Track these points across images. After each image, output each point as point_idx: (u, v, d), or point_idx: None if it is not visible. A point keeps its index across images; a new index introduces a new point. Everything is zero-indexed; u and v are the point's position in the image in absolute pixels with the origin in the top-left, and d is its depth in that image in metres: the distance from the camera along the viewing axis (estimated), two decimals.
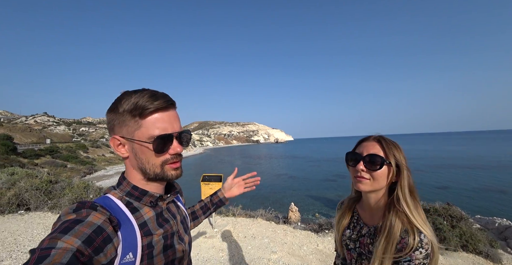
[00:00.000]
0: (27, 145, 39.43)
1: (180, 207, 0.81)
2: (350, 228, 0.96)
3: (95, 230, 0.49)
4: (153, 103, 0.59)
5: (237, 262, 3.12)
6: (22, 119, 79.07)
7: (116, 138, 0.62)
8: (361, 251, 0.88)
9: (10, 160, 25.23)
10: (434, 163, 41.13)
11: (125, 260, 0.55)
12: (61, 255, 0.42)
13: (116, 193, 0.65)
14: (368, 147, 0.86)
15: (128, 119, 0.61)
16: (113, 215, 0.56)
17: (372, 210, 0.90)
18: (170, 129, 0.63)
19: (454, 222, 5.11)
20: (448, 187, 23.06)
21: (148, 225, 0.63)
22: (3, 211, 4.95)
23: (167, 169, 0.65)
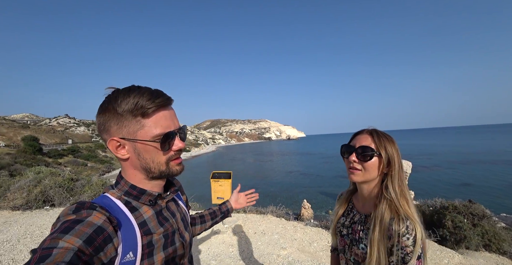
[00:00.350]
0: (51, 145, 41.91)
1: (180, 204, 0.80)
2: (344, 216, 1.02)
3: (95, 230, 0.49)
4: (154, 101, 0.58)
5: (247, 257, 3.16)
6: (46, 122, 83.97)
7: (115, 139, 0.60)
8: (353, 237, 0.92)
9: (36, 159, 26.97)
10: (454, 158, 39.15)
11: (125, 259, 0.55)
12: (62, 254, 0.43)
13: (114, 193, 0.64)
14: (361, 139, 0.90)
15: (129, 120, 0.59)
16: (112, 215, 0.57)
17: (365, 199, 0.95)
18: (172, 126, 0.63)
19: (476, 220, 4.87)
20: (470, 184, 21.89)
21: (148, 224, 0.63)
22: (31, 207, 5.32)
23: (172, 165, 0.66)
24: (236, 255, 3.24)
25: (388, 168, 0.87)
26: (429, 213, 5.56)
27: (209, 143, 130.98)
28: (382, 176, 0.89)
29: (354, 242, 0.91)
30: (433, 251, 4.16)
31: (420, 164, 32.39)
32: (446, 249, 4.30)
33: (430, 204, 6.05)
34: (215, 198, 3.63)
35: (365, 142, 0.88)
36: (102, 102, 0.61)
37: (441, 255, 4.07)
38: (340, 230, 1.00)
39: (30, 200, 5.38)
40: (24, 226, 4.33)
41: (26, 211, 5.19)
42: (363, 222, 0.91)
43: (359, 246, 0.88)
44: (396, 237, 0.77)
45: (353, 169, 0.89)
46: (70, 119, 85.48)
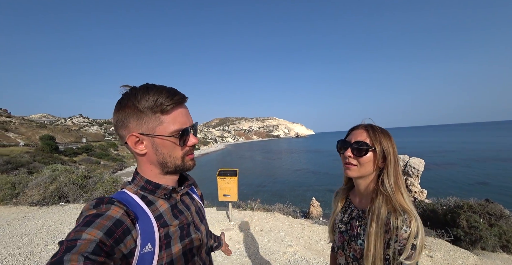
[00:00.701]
0: (67, 144, 43.53)
1: (195, 198, 0.84)
2: (342, 212, 1.02)
3: (114, 222, 0.53)
4: (173, 99, 0.62)
5: (253, 254, 3.17)
6: (61, 121, 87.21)
7: (134, 135, 0.63)
8: (352, 233, 0.92)
9: (53, 157, 28.10)
10: (469, 155, 37.63)
11: (144, 250, 0.58)
12: (86, 245, 0.46)
13: (131, 188, 0.68)
14: (356, 134, 0.90)
15: (149, 116, 0.62)
16: (130, 208, 0.60)
17: (361, 195, 0.95)
18: (187, 123, 0.67)
19: (493, 220, 4.66)
20: (487, 183, 21.01)
21: (164, 217, 0.65)
22: (47, 202, 5.56)
23: (187, 160, 0.69)
24: (243, 252, 3.26)
25: (384, 163, 0.87)
26: (442, 212, 5.38)
27: (217, 141, 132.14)
28: (378, 171, 0.90)
29: (353, 238, 0.91)
30: (446, 251, 4.03)
31: (433, 161, 31.35)
32: (460, 249, 4.15)
33: (443, 203, 5.85)
34: (221, 195, 3.65)
35: (360, 137, 0.89)
36: (120, 99, 0.64)
37: (454, 255, 3.93)
38: (338, 227, 1.00)
39: (46, 196, 5.62)
40: (41, 221, 4.53)
41: (43, 206, 5.43)
42: (361, 217, 0.92)
43: (357, 242, 0.88)
44: (394, 231, 0.78)
45: (349, 164, 0.90)
46: (84, 119, 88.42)
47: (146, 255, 0.58)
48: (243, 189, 20.24)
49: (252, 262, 3.01)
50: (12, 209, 5.32)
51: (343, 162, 0.94)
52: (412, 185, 12.44)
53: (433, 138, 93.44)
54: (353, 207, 0.98)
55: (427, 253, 3.91)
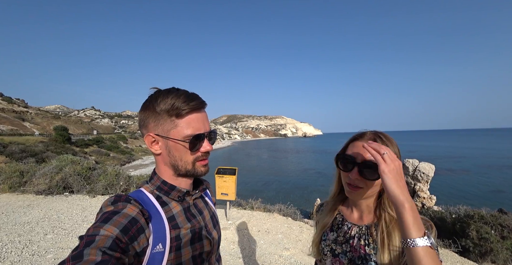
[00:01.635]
0: (79, 135, 44.93)
1: (209, 203, 0.84)
2: (334, 231, 0.85)
3: (130, 220, 0.55)
4: (189, 104, 0.64)
5: (247, 256, 3.09)
6: (75, 113, 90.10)
7: (151, 135, 0.67)
8: (356, 255, 0.77)
9: (65, 148, 29.03)
10: (484, 162, 36.12)
11: (155, 250, 0.60)
12: (104, 240, 0.49)
13: (148, 187, 0.70)
14: (363, 149, 0.71)
15: (165, 119, 0.65)
16: (144, 208, 0.61)
17: (362, 210, 0.81)
18: (202, 129, 0.67)
19: (506, 233, 4.40)
20: (502, 191, 20.09)
21: (176, 219, 0.67)
22: (52, 192, 5.69)
23: (198, 166, 0.69)
24: (237, 252, 3.19)
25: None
26: (450, 220, 5.13)
27: (225, 138, 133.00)
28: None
29: (358, 260, 0.75)
30: (453, 263, 3.83)
31: (444, 167, 30.31)
32: (468, 262, 3.93)
33: (452, 211, 5.59)
34: (219, 194, 3.59)
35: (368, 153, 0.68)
36: (145, 101, 0.68)
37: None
38: (331, 248, 0.83)
39: (52, 186, 5.74)
40: (44, 209, 4.62)
41: (48, 196, 5.56)
42: (366, 234, 0.77)
43: (367, 263, 0.73)
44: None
45: (354, 186, 0.73)
46: (95, 112, 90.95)
47: (156, 255, 0.60)
48: (247, 187, 20.26)
49: (246, 264, 2.93)
50: (19, 197, 5.47)
51: (344, 180, 0.77)
52: (421, 191, 12.04)
53: (447, 143, 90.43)
54: (350, 223, 0.82)
55: None
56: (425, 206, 11.23)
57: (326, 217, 0.89)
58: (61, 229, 3.81)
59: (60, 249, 3.15)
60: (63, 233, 3.66)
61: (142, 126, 0.69)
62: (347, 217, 0.85)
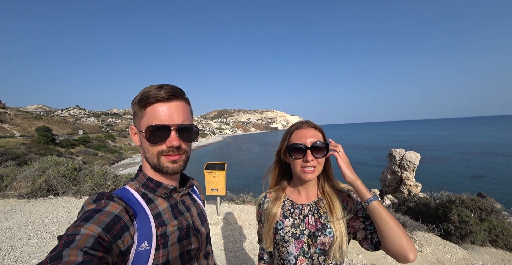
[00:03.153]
0: (63, 135, 43.25)
1: (197, 200, 0.83)
2: (287, 217, 0.93)
3: (113, 218, 0.53)
4: (156, 94, 0.62)
5: (238, 250, 3.12)
6: (58, 112, 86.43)
7: (132, 127, 0.70)
8: (311, 230, 0.88)
9: (50, 149, 27.92)
10: (466, 149, 37.92)
11: (141, 248, 0.58)
12: (85, 240, 0.47)
13: (133, 185, 0.69)
14: (308, 135, 0.86)
15: (137, 110, 0.65)
16: (129, 205, 0.60)
17: (308, 190, 0.94)
18: (167, 121, 0.64)
19: (484, 215, 4.66)
20: (481, 177, 21.23)
21: (162, 216, 0.65)
22: (35, 195, 5.47)
23: (163, 160, 0.66)
24: (228, 246, 3.21)
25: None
26: (434, 206, 5.37)
27: (216, 133, 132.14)
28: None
29: (318, 232, 0.86)
30: (436, 246, 4.02)
31: (429, 155, 31.59)
32: (449, 244, 4.15)
33: (436, 197, 5.85)
34: (209, 189, 3.57)
35: (315, 137, 0.86)
36: None
37: (444, 249, 3.93)
38: (292, 233, 0.89)
39: (35, 189, 5.51)
40: (27, 214, 4.45)
41: (31, 199, 5.34)
42: (316, 208, 0.91)
43: (326, 231, 0.86)
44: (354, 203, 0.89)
45: (309, 167, 0.84)
46: (80, 110, 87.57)
47: (142, 253, 0.58)
48: (239, 181, 20.34)
49: (237, 257, 2.96)
50: (0, 202, 5.23)
51: (298, 168, 0.87)
52: (407, 178, 12.52)
53: (433, 132, 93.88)
54: (300, 205, 0.93)
55: (416, 248, 3.90)
56: (411, 193, 11.71)
57: (274, 208, 0.94)
58: (45, 232, 3.68)
59: (45, 253, 3.05)
60: (48, 236, 3.55)
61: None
62: (296, 200, 0.95)
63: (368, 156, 35.63)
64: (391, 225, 0.73)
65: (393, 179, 12.81)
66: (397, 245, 0.72)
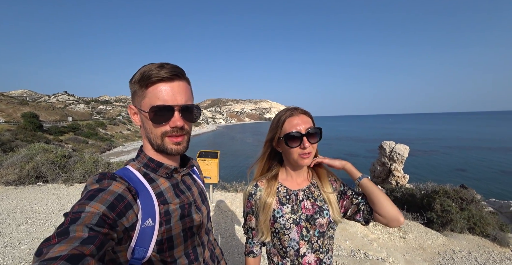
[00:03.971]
0: (51, 122, 41.97)
1: (197, 180, 0.84)
2: (284, 204, 0.92)
3: (116, 197, 0.55)
4: (158, 73, 0.61)
5: (230, 236, 3.20)
6: (45, 98, 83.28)
7: (131, 107, 0.69)
8: (308, 213, 0.90)
9: (37, 136, 27.14)
10: (453, 143, 39.27)
11: (145, 224, 0.61)
12: (90, 217, 0.48)
13: (135, 165, 0.70)
14: (301, 121, 0.86)
15: (138, 89, 0.64)
16: (131, 184, 0.62)
17: (301, 176, 0.97)
18: (170, 101, 0.63)
19: (464, 205, 4.91)
20: (465, 169, 22.17)
21: (164, 195, 0.67)
22: (23, 182, 5.36)
23: (167, 142, 0.67)
24: (220, 232, 3.29)
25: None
26: (419, 196, 5.61)
27: (209, 122, 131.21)
28: None
29: (316, 215, 0.89)
30: (419, 233, 4.24)
31: (417, 148, 32.55)
32: (431, 231, 4.38)
33: (422, 188, 6.10)
34: None
35: (308, 123, 0.87)
36: None
37: (426, 236, 4.16)
38: (293, 220, 0.89)
39: (22, 176, 5.39)
40: (16, 200, 4.38)
41: (19, 186, 5.24)
42: (310, 193, 0.94)
43: (324, 213, 0.89)
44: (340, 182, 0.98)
45: (307, 154, 0.86)
46: (69, 97, 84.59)
47: (147, 229, 0.61)
48: (232, 170, 20.53)
49: (229, 243, 3.04)
50: None
51: (295, 155, 0.87)
52: (396, 170, 12.93)
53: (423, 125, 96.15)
54: (295, 191, 0.94)
55: (400, 235, 4.10)
56: (398, 184, 12.15)
57: (269, 196, 0.91)
58: (35, 219, 3.65)
59: (35, 239, 3.04)
60: (38, 223, 3.52)
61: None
62: (290, 186, 0.95)
63: (360, 148, 36.42)
64: (382, 195, 0.84)
65: (382, 170, 13.21)
66: (390, 210, 0.82)
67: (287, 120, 0.87)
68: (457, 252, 3.74)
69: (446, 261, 3.47)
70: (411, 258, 3.38)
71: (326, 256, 0.91)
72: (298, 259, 0.89)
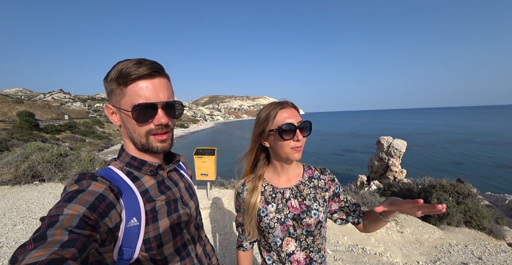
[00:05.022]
0: (48, 121, 41.54)
1: (184, 175, 0.83)
2: (270, 203, 0.91)
3: (97, 197, 0.53)
4: (137, 70, 0.58)
5: (228, 232, 3.21)
6: (40, 97, 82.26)
7: (108, 106, 0.65)
8: (295, 213, 0.88)
9: (33, 135, 26.87)
10: (449, 138, 39.59)
11: (130, 224, 0.59)
12: (69, 219, 0.46)
13: (117, 164, 0.68)
14: (293, 114, 0.85)
15: (115, 88, 0.61)
16: (113, 184, 0.60)
17: (289, 173, 0.94)
18: (153, 98, 0.61)
19: (461, 199, 4.95)
20: (461, 163, 22.39)
21: (149, 192, 0.65)
22: (19, 182, 5.31)
23: (152, 140, 0.65)
24: (218, 229, 3.29)
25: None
26: (417, 190, 5.65)
27: (207, 119, 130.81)
28: None
29: (303, 214, 0.87)
30: (416, 227, 4.28)
31: (414, 143, 32.80)
32: (428, 225, 4.42)
33: (419, 182, 6.13)
34: (199, 174, 3.58)
35: (298, 116, 0.86)
36: None
37: (423, 230, 4.19)
38: (277, 219, 0.88)
39: (18, 175, 5.34)
40: (12, 200, 4.33)
41: (15, 185, 5.19)
42: (298, 191, 0.91)
43: (311, 213, 0.87)
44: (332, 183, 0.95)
45: (298, 147, 0.85)
46: (65, 95, 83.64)
47: (132, 229, 0.59)
48: (230, 167, 20.57)
49: (227, 240, 3.04)
50: None
51: (287, 148, 0.85)
52: (393, 165, 13.00)
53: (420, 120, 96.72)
54: (282, 189, 0.92)
55: (398, 229, 4.14)
56: (396, 179, 12.24)
57: (252, 197, 0.90)
58: (32, 218, 3.62)
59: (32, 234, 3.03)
60: (34, 222, 3.49)
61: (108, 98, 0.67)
62: (277, 184, 0.93)
63: (357, 143, 36.60)
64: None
65: (380, 165, 13.29)
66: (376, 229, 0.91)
67: (279, 113, 0.85)
68: (453, 245, 3.78)
69: (443, 254, 3.51)
70: (408, 252, 3.41)
71: (317, 255, 0.90)
72: (281, 254, 0.89)
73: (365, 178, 12.98)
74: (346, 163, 22.58)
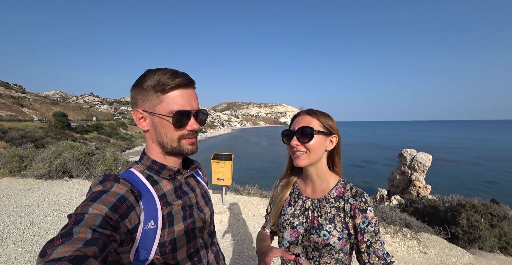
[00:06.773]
0: (78, 121, 44.85)
1: (200, 182, 0.86)
2: (291, 205, 0.94)
3: (119, 198, 0.56)
4: (174, 80, 0.64)
5: (241, 239, 3.20)
6: (73, 99, 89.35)
7: (139, 111, 0.68)
8: (310, 225, 0.87)
9: (65, 134, 29.07)
10: (481, 153, 36.39)
11: (147, 226, 0.61)
12: (93, 218, 0.49)
13: (138, 167, 0.71)
14: (299, 121, 0.87)
15: (151, 95, 0.66)
16: (134, 186, 0.63)
17: (314, 183, 0.92)
18: (188, 106, 0.67)
19: (495, 221, 4.51)
20: (495, 182, 20.42)
21: (167, 197, 0.68)
22: (52, 176, 5.75)
23: (183, 144, 0.70)
24: (231, 235, 3.29)
25: (333, 144, 0.88)
26: (443, 209, 5.25)
27: (224, 125, 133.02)
28: (327, 155, 0.90)
29: (313, 230, 0.85)
30: (441, 248, 3.96)
31: (442, 157, 30.61)
32: (456, 248, 4.06)
33: (446, 200, 5.70)
34: (215, 179, 3.64)
35: (303, 122, 0.86)
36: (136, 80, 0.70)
37: (449, 253, 3.86)
38: (290, 222, 0.91)
39: (51, 171, 5.80)
40: (44, 193, 4.70)
41: (48, 180, 5.63)
42: (318, 206, 0.88)
43: (320, 233, 0.83)
44: (361, 214, 0.81)
45: (298, 152, 0.85)
46: (94, 98, 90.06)
47: (149, 231, 0.61)
48: (245, 173, 20.54)
49: (240, 246, 3.03)
50: (20, 181, 5.54)
51: (290, 152, 0.89)
52: (417, 180, 12.23)
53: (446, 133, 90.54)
54: (304, 197, 0.93)
55: (421, 249, 3.85)
56: (420, 195, 11.47)
57: (282, 193, 0.97)
58: (61, 211, 3.89)
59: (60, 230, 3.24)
60: (63, 215, 3.75)
61: (132, 103, 0.70)
62: (303, 191, 0.95)
63: (378, 155, 34.96)
64: None
65: (402, 179, 12.57)
66: None
67: (293, 121, 0.91)
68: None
69: None
70: None
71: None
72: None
73: (385, 191, 12.30)
74: (365, 175, 21.59)
